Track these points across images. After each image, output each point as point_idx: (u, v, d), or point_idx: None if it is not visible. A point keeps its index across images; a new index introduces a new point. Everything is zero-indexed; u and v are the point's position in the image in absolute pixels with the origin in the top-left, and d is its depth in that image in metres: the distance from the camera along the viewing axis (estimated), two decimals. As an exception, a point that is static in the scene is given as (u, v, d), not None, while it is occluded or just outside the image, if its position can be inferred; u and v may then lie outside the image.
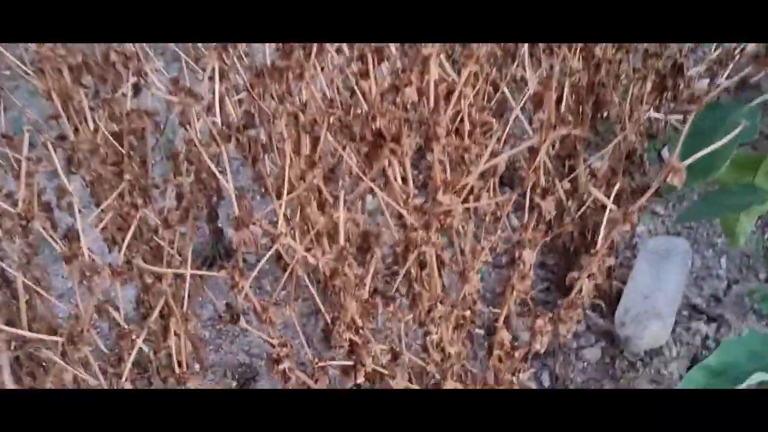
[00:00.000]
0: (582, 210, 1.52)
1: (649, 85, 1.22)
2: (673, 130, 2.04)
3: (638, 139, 1.27)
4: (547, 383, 1.48)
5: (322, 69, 0.72)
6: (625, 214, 0.74)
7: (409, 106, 0.77)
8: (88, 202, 1.95)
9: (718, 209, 0.99)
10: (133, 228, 0.84)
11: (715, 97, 1.32)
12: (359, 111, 0.74)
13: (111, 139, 0.94)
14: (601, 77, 1.35)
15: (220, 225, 1.88)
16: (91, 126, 0.99)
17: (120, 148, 0.97)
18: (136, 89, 1.07)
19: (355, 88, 0.74)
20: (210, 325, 1.70)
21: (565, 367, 1.51)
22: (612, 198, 0.84)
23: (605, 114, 1.55)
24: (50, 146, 0.95)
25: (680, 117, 1.77)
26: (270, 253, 0.68)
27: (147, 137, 1.03)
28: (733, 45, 1.37)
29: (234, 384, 1.49)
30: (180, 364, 1.30)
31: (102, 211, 1.08)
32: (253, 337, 1.65)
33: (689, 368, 1.47)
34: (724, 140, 0.75)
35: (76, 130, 0.95)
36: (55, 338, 0.70)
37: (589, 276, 1.65)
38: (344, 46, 0.74)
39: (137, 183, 1.00)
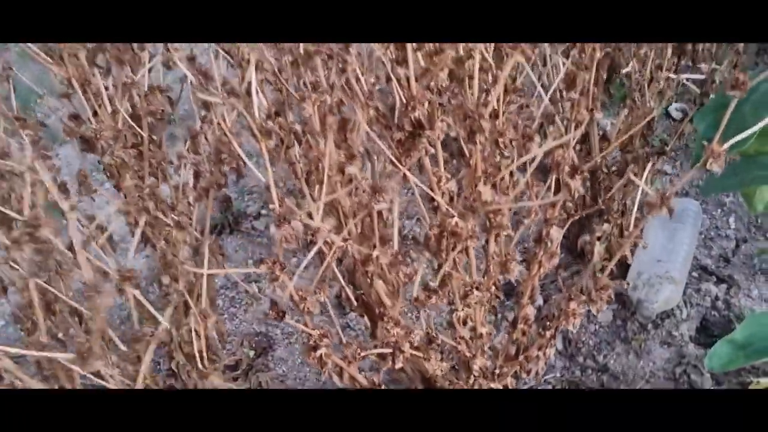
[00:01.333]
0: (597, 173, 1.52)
1: (669, 51, 1.20)
2: (681, 86, 2.03)
3: (656, 104, 1.26)
4: (560, 346, 1.51)
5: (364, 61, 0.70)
6: (662, 198, 0.74)
7: (441, 90, 0.75)
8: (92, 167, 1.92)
9: (745, 180, 0.99)
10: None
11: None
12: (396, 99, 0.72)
13: (131, 121, 0.92)
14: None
15: (227, 193, 1.87)
16: (109, 108, 0.97)
17: (139, 130, 0.95)
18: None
19: (391, 74, 0.73)
20: (222, 293, 1.71)
21: (578, 330, 1.53)
22: (645, 176, 0.84)
23: (616, 75, 1.54)
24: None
25: (691, 76, 1.75)
26: (314, 251, 0.68)
27: (165, 118, 1.01)
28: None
29: (252, 353, 1.51)
30: (200, 338, 1.31)
31: (120, 191, 1.07)
32: (267, 306, 1.66)
33: (699, 329, 1.50)
34: (762, 123, 0.74)
35: (95, 113, 0.93)
36: (65, 355, 0.69)
37: (599, 238, 1.64)
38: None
39: (158, 165, 0.99)
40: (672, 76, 1.43)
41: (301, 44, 0.71)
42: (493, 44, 0.68)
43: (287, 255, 1.81)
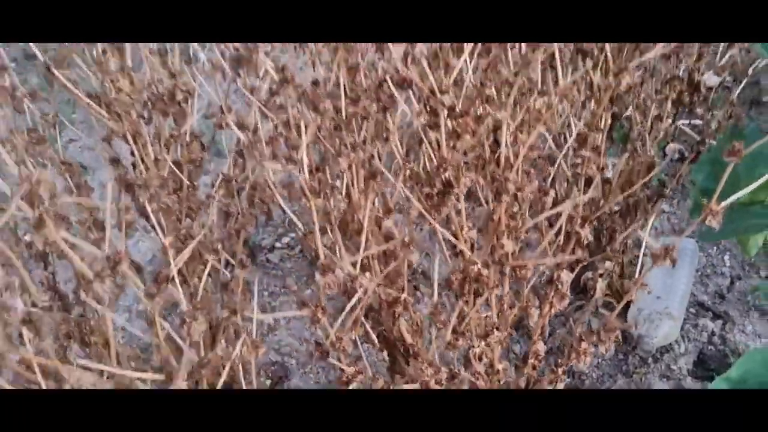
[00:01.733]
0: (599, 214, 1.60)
1: (669, 105, 1.29)
2: (677, 129, 2.12)
3: (657, 152, 1.35)
4: (566, 379, 1.57)
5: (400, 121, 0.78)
6: (666, 250, 0.82)
7: (467, 150, 0.83)
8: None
9: (740, 228, 1.07)
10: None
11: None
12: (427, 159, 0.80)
13: (175, 169, 1.00)
14: (619, 91, 1.42)
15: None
16: (152, 155, 1.04)
17: (181, 176, 1.03)
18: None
19: (423, 138, 0.81)
20: (239, 323, 1.77)
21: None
22: (649, 228, 0.92)
23: (617, 120, 1.63)
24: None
25: (687, 121, 1.84)
26: (355, 299, 0.75)
27: (201, 165, 1.09)
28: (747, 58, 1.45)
29: (268, 383, 1.57)
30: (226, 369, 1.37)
31: (158, 232, 1.14)
32: (283, 336, 1.73)
33: (696, 363, 1.57)
34: (759, 182, 0.82)
35: (142, 160, 1.00)
36: (151, 376, 0.76)
37: (601, 275, 1.72)
38: (412, 98, 0.80)
39: (197, 208, 1.06)
40: (669, 121, 1.52)
41: (343, 108, 0.78)
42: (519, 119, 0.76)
43: (298, 283, 1.87)
